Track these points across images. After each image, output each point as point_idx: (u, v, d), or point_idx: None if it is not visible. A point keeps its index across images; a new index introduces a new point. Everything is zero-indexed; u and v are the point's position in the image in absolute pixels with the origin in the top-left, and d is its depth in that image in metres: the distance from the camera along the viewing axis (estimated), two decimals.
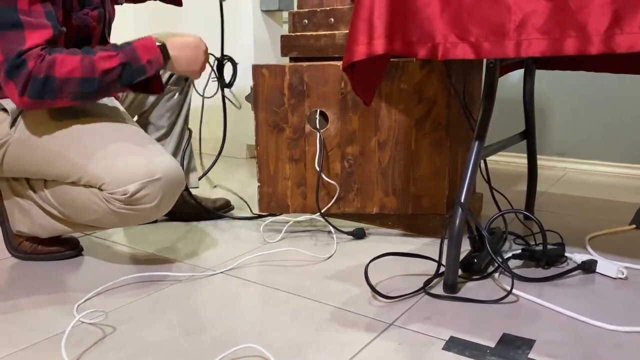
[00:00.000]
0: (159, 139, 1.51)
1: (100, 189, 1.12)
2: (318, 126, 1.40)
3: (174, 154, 1.55)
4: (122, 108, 1.31)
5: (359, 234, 1.42)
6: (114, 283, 1.16)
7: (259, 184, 1.46)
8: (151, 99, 1.52)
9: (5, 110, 1.16)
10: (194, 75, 1.25)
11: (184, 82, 1.56)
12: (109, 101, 1.29)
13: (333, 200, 1.43)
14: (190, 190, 1.58)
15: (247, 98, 1.45)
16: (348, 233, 1.43)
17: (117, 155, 1.12)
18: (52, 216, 1.23)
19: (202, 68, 1.25)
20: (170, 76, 1.53)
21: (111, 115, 1.21)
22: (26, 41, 1.03)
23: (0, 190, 1.30)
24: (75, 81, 1.06)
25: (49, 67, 1.04)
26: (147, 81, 1.16)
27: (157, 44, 1.14)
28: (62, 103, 1.08)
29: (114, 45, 1.12)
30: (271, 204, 1.46)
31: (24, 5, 1.03)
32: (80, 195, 1.15)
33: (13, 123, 1.16)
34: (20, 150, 1.17)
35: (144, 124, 1.53)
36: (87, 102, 1.15)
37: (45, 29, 1.06)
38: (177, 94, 1.55)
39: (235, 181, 2.07)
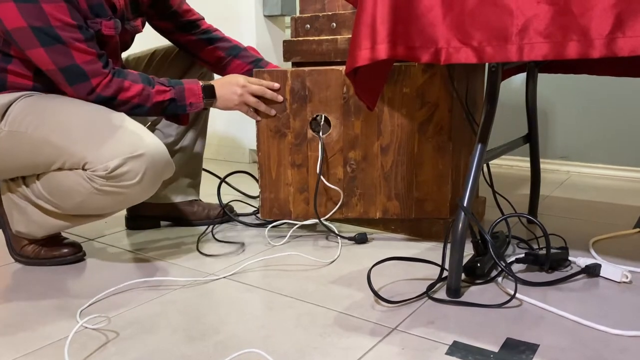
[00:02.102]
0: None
1: (84, 168, 1.14)
2: (321, 131, 1.40)
3: (182, 165, 1.55)
4: None
5: (361, 239, 1.42)
6: (117, 288, 1.16)
7: (261, 190, 1.45)
8: None
9: None
10: (236, 109, 1.38)
11: None
12: None
13: (337, 207, 1.43)
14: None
15: None
16: (349, 238, 1.42)
17: (100, 134, 1.14)
18: (46, 211, 1.24)
19: (239, 103, 1.36)
20: None
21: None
22: (74, 56, 1.15)
23: (0, 193, 1.30)
24: (130, 105, 1.23)
25: (117, 90, 1.21)
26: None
27: (203, 86, 1.31)
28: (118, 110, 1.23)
29: (168, 79, 1.29)
30: (273, 210, 1.46)
31: (57, 22, 1.12)
32: (65, 179, 1.17)
33: (2, 117, 1.18)
34: (10, 144, 1.18)
35: (151, 131, 1.53)
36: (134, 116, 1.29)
37: (85, 42, 1.16)
38: None
39: (239, 187, 2.07)
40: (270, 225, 1.54)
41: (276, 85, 1.38)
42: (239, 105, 1.36)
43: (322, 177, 1.41)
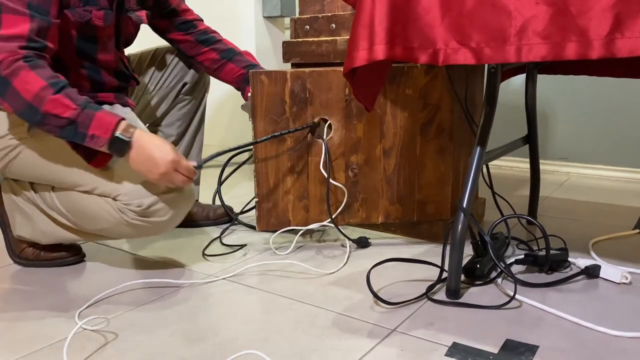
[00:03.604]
0: None
1: (114, 199, 1.15)
2: (324, 136, 1.35)
3: None
4: (135, 116, 1.31)
5: (363, 243, 1.39)
6: (115, 289, 1.16)
7: (258, 200, 1.39)
8: (163, 107, 1.53)
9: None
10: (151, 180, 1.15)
11: (198, 92, 1.56)
12: (121, 109, 1.28)
13: (341, 207, 1.38)
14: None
15: (244, 107, 1.37)
16: (353, 241, 1.41)
17: (130, 168, 1.13)
18: (57, 223, 1.23)
19: (162, 180, 1.12)
20: (183, 85, 1.52)
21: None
22: (2, 25, 1.03)
23: (1, 193, 1.29)
24: (23, 101, 1.03)
25: (13, 72, 1.02)
26: (90, 149, 1.12)
27: (118, 134, 1.07)
28: (7, 108, 1.06)
29: (87, 100, 1.08)
30: (271, 221, 1.40)
31: None
32: (92, 204, 1.16)
33: (31, 126, 1.16)
34: (34, 154, 1.16)
35: (153, 131, 1.53)
36: (29, 124, 1.11)
37: (23, 17, 1.04)
38: (189, 103, 1.55)
39: (238, 188, 2.07)
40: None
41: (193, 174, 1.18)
42: (157, 180, 1.13)
43: (326, 175, 1.36)
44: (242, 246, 1.42)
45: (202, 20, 1.51)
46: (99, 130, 1.06)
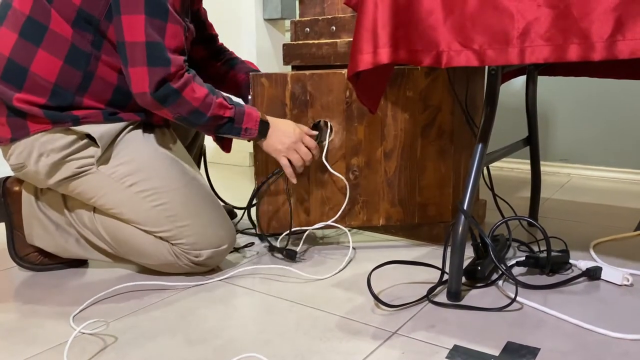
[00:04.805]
0: None
1: (172, 243, 1.18)
2: (326, 138, 1.34)
3: None
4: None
5: (290, 255, 1.32)
6: (114, 290, 1.16)
7: (258, 203, 1.38)
8: None
9: (89, 136, 1.14)
10: (275, 156, 1.29)
11: None
12: (173, 143, 1.27)
13: (343, 207, 1.39)
14: None
15: None
16: (281, 254, 1.34)
17: (197, 219, 1.19)
18: (89, 242, 1.24)
19: (284, 152, 1.27)
20: None
21: (192, 168, 1.25)
22: (166, 36, 1.09)
23: (22, 201, 1.26)
24: (190, 107, 1.13)
25: (184, 83, 1.12)
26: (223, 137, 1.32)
27: (261, 119, 1.23)
28: (167, 115, 1.15)
29: (230, 98, 1.22)
30: (272, 224, 1.39)
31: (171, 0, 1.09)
32: (145, 241, 1.18)
33: (101, 156, 1.15)
34: (99, 183, 1.16)
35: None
36: (183, 125, 1.20)
37: (181, 27, 1.12)
38: None
39: (238, 190, 2.07)
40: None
41: (315, 151, 1.31)
42: (281, 156, 1.27)
43: (326, 163, 1.35)
44: (248, 245, 1.41)
45: (218, 36, 1.54)
46: (250, 123, 1.22)
